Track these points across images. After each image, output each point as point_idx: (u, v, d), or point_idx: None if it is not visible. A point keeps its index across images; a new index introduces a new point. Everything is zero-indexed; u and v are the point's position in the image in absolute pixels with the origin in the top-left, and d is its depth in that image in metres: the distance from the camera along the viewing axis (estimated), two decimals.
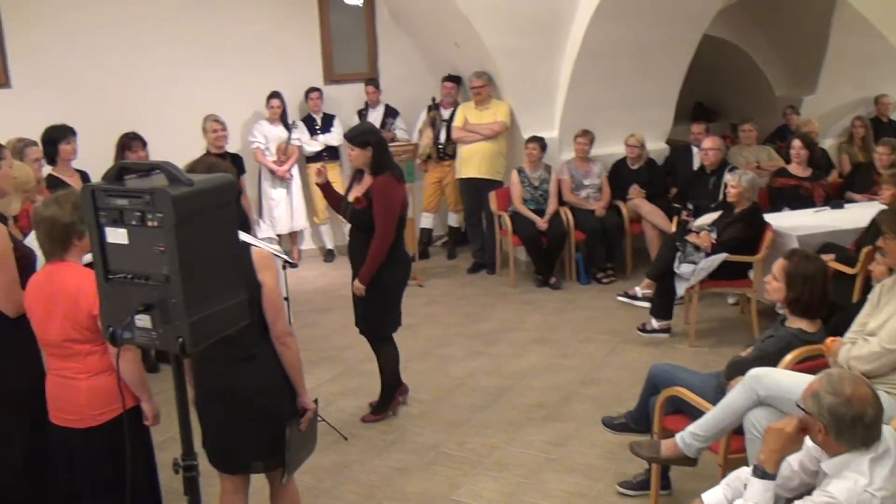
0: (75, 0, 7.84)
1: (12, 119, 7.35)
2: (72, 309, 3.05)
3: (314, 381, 5.76)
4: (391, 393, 5.22)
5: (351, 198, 4.89)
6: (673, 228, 7.19)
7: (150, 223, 2.15)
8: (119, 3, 8.00)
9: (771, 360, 3.66)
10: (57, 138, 5.67)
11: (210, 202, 2.23)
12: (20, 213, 4.46)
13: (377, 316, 4.98)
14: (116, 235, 2.22)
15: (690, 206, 7.29)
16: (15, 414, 3.55)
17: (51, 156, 5.58)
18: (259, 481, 3.46)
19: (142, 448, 3.32)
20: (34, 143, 5.19)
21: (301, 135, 8.62)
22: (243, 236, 3.12)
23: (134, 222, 2.18)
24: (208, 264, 2.24)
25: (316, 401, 3.39)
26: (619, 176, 8.08)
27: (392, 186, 4.78)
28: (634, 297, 7.04)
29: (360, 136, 4.80)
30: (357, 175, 4.97)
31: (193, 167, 3.16)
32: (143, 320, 2.25)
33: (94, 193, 2.22)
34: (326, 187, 5.16)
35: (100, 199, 2.21)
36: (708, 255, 6.08)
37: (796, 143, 7.43)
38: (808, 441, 2.80)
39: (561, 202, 7.92)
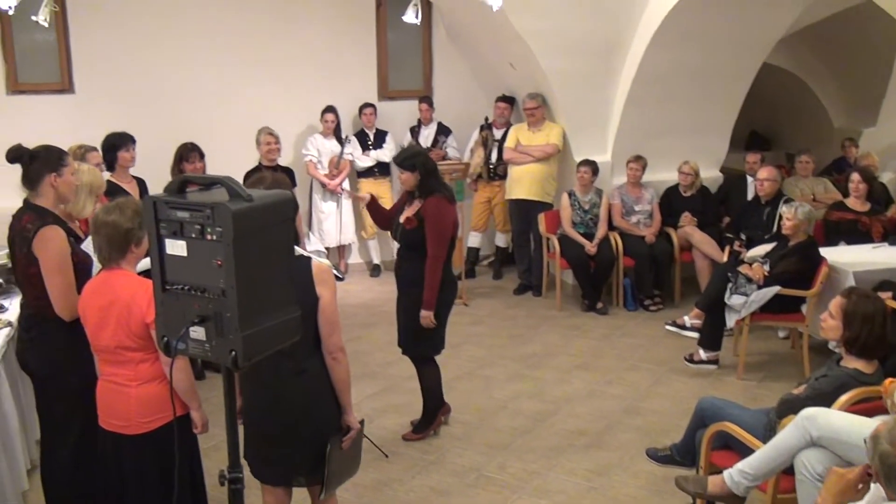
0: (140, 11, 8.02)
1: (74, 124, 7.54)
2: (125, 317, 3.09)
3: (357, 396, 5.73)
4: (433, 412, 5.20)
5: (402, 218, 4.91)
6: (724, 258, 7.08)
7: (209, 237, 2.17)
8: (182, 16, 8.16)
9: (825, 399, 3.58)
10: (117, 145, 5.77)
11: (269, 218, 2.24)
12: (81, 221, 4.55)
13: (422, 337, 4.97)
14: (176, 247, 2.24)
15: (743, 237, 7.20)
16: (67, 414, 3.61)
17: (110, 162, 5.68)
18: (301, 493, 3.46)
19: (189, 456, 3.34)
20: (94, 150, 5.29)
21: (353, 149, 8.69)
22: (299, 249, 3.14)
23: (193, 235, 2.19)
24: (264, 280, 2.25)
25: (362, 422, 3.38)
26: (671, 203, 8.00)
27: (444, 208, 4.80)
28: (683, 327, 6.95)
29: (408, 159, 4.85)
30: (408, 196, 4.99)
31: (254, 182, 3.19)
32: (197, 332, 2.26)
33: (155, 205, 2.24)
34: (372, 205, 5.21)
35: (161, 210, 2.24)
36: (760, 287, 5.98)
37: (855, 176, 7.29)
38: (874, 489, 2.71)
39: (611, 227, 7.87)
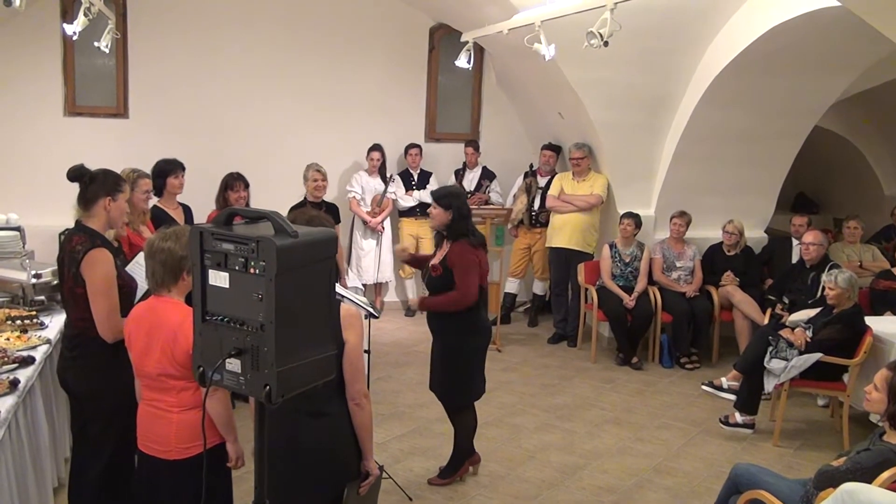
0: (198, 44, 8.22)
1: (126, 148, 7.72)
2: (170, 345, 3.11)
3: (383, 436, 5.74)
4: (461, 459, 5.14)
5: (431, 263, 4.91)
6: (765, 321, 6.99)
7: (252, 270, 2.18)
8: (238, 52, 8.35)
9: (866, 475, 3.47)
10: (167, 171, 5.86)
11: (311, 256, 2.24)
12: (122, 240, 4.62)
13: (456, 385, 4.93)
14: (218, 278, 2.25)
15: (786, 300, 7.09)
16: (101, 435, 3.64)
17: (159, 188, 5.77)
18: None
19: (222, 487, 3.33)
20: (146, 175, 5.38)
21: (397, 189, 8.75)
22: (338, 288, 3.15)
23: (237, 268, 2.20)
24: (303, 316, 2.24)
25: (381, 467, 3.35)
26: (714, 261, 7.93)
27: (467, 252, 4.76)
28: (719, 388, 6.81)
29: (445, 197, 4.83)
30: (438, 238, 4.99)
31: (296, 218, 3.21)
32: (233, 364, 2.26)
33: (202, 235, 2.26)
34: (412, 260, 5.25)
35: (207, 241, 2.26)
36: (801, 352, 5.87)
37: None
38: None
39: (650, 282, 7.81)
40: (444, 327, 4.84)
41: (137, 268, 3.94)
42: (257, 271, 2.17)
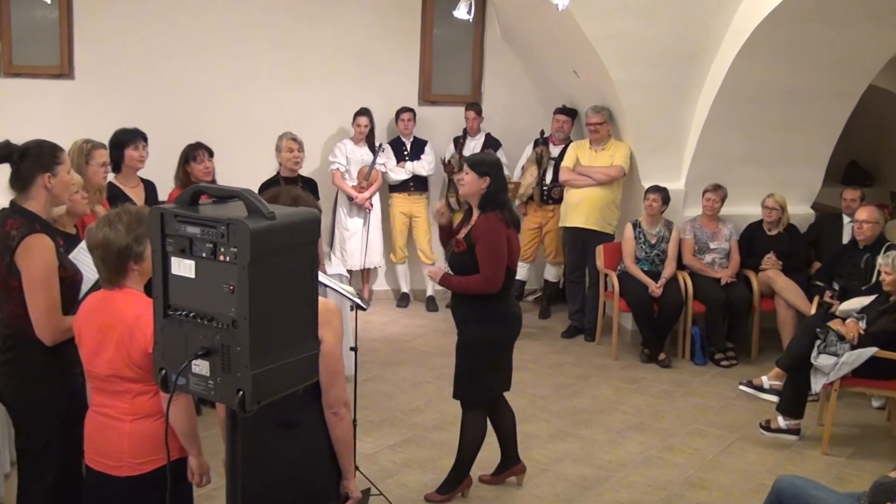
0: None
1: (72, 114, 7.71)
2: (126, 342, 3.11)
3: (373, 446, 5.76)
4: (464, 470, 5.15)
5: (456, 238, 4.94)
6: (812, 310, 7.00)
7: (221, 257, 2.18)
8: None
9: None
10: (125, 141, 5.83)
11: (291, 240, 2.25)
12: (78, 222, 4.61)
13: (472, 377, 4.96)
14: (183, 267, 2.25)
15: (836, 286, 7.09)
16: (45, 449, 3.63)
17: (116, 161, 5.72)
18: None
19: None
20: (102, 146, 5.34)
21: (387, 160, 8.74)
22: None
23: (204, 254, 2.20)
24: (281, 310, 2.25)
25: (367, 490, 3.34)
26: (753, 242, 7.94)
27: (496, 226, 4.78)
28: (759, 388, 6.83)
29: (482, 164, 4.86)
30: (466, 214, 5.02)
31: (274, 196, 3.20)
32: (200, 366, 2.27)
33: (163, 217, 2.25)
34: (447, 228, 5.20)
35: (169, 223, 2.25)
36: (854, 347, 5.89)
37: None
38: None
39: (680, 266, 7.82)
40: (470, 315, 4.89)
41: (83, 255, 3.86)
42: (228, 258, 2.17)
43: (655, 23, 7.36)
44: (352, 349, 5.13)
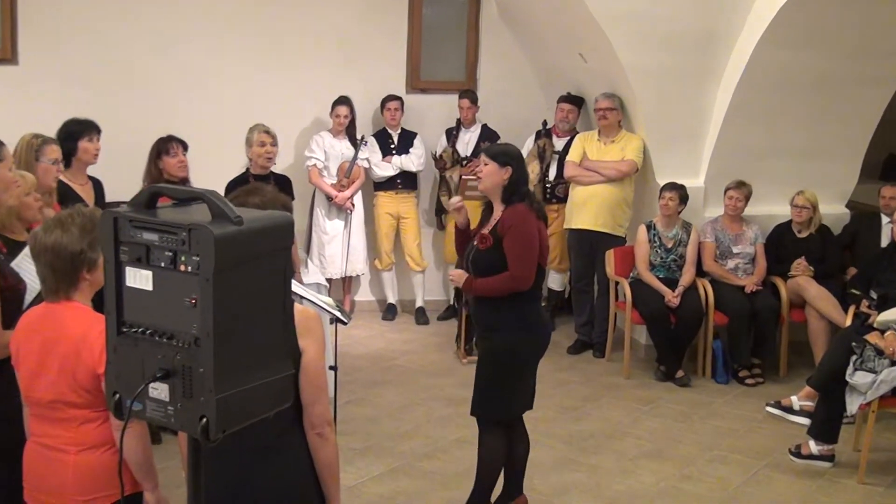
0: None
1: (16, 103, 7.68)
2: (71, 362, 3.08)
3: (355, 477, 5.75)
4: (484, 498, 5.13)
5: (476, 238, 4.95)
6: (847, 322, 7.00)
7: (183, 267, 2.16)
8: None
9: None
10: (76, 133, 5.82)
11: (262, 247, 2.24)
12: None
13: (493, 391, 4.96)
14: (139, 278, 2.24)
15: (874, 295, 7.10)
16: None
17: (66, 156, 5.70)
18: None
19: None
20: (54, 142, 5.33)
21: (371, 154, 8.74)
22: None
23: (163, 264, 2.19)
24: (250, 326, 2.24)
25: None
26: (781, 245, 7.96)
27: (528, 217, 4.83)
28: (789, 410, 6.85)
29: (503, 154, 4.92)
30: (485, 213, 5.06)
31: (243, 196, 3.17)
32: (159, 390, 2.25)
33: (116, 222, 2.24)
34: (466, 230, 5.18)
35: (123, 229, 2.24)
36: (894, 363, 5.89)
37: None
38: None
39: (699, 272, 7.82)
40: (496, 321, 4.90)
41: (26, 262, 3.85)
42: (190, 268, 2.16)
43: (671, 2, 7.36)
44: (331, 368, 5.12)
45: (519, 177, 4.89)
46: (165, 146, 6.26)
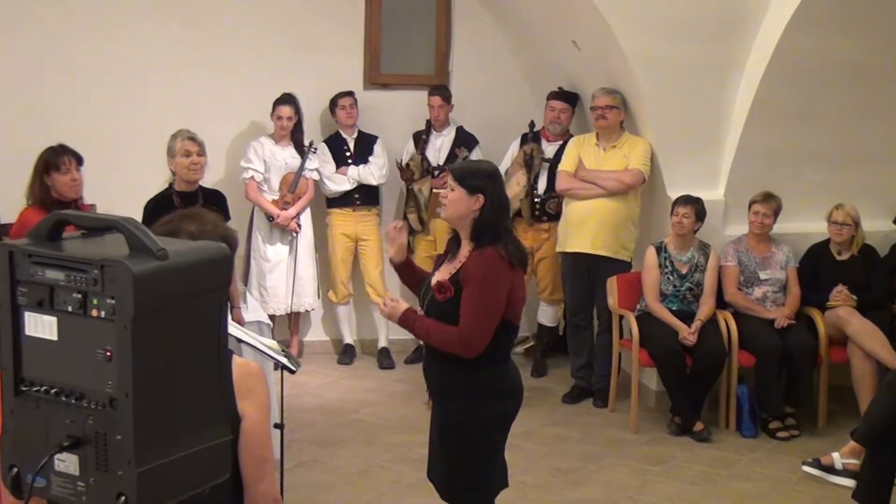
0: None
1: None
2: None
3: None
4: None
5: (434, 280, 4.81)
6: None
7: (94, 312, 2.13)
8: None
9: None
10: None
11: (191, 286, 2.21)
12: None
13: (466, 474, 4.84)
14: (41, 326, 2.20)
15: None
16: None
17: None
18: None
19: None
20: None
21: (322, 164, 8.76)
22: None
23: (70, 308, 2.16)
24: (178, 383, 2.21)
25: None
26: (817, 269, 8.01)
27: (497, 269, 4.61)
28: (829, 469, 6.86)
29: (474, 175, 4.69)
30: (451, 244, 4.88)
31: (179, 223, 3.13)
32: (66, 462, 2.22)
33: (12, 257, 2.21)
34: (405, 267, 5.06)
35: (21, 266, 2.20)
36: None
37: None
38: None
39: (721, 303, 7.85)
40: (450, 382, 4.78)
41: None
42: (103, 313, 2.13)
43: None
44: (276, 426, 5.09)
45: (494, 208, 4.64)
46: (56, 160, 6.18)
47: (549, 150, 8.61)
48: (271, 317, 8.16)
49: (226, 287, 2.35)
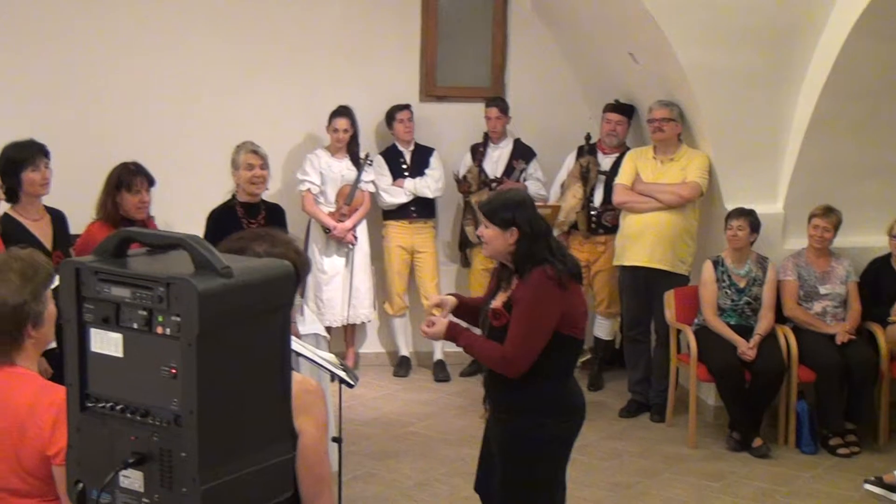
0: None
1: None
2: (14, 441, 3.07)
3: None
4: None
5: (490, 308, 4.80)
6: None
7: (160, 329, 2.15)
8: None
9: None
10: (19, 161, 5.84)
11: (255, 304, 2.22)
12: None
13: (525, 495, 4.84)
14: (107, 343, 2.22)
15: None
16: None
17: (10, 188, 5.74)
18: None
19: None
20: None
21: (378, 177, 8.78)
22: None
23: (136, 325, 2.17)
24: (242, 400, 2.23)
25: None
26: (878, 284, 7.93)
27: (546, 290, 4.62)
28: (892, 488, 6.79)
29: (502, 208, 4.71)
30: (501, 270, 4.90)
31: (249, 243, 3.12)
32: (131, 478, 2.24)
33: (79, 274, 2.23)
34: (461, 310, 5.04)
35: (88, 283, 2.22)
36: None
37: None
38: None
39: (780, 318, 7.79)
40: (512, 397, 4.76)
41: None
42: (168, 331, 2.14)
43: None
44: (334, 440, 5.09)
45: (531, 236, 4.66)
46: (128, 179, 6.22)
47: (606, 162, 8.59)
48: (327, 328, 8.19)
49: (290, 305, 2.35)
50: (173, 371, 2.15)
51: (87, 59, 8.32)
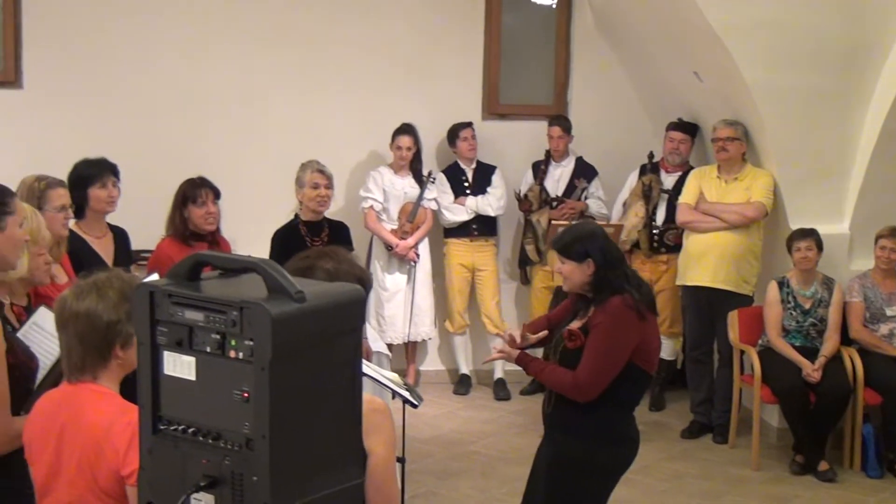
0: None
1: (19, 133, 7.87)
2: (91, 460, 3.08)
3: None
4: None
5: (565, 330, 4.81)
6: None
7: (233, 353, 2.17)
8: None
9: None
10: (89, 179, 5.90)
11: (328, 328, 2.24)
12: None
13: None
14: (180, 365, 2.24)
15: None
16: None
17: (78, 203, 5.80)
18: None
19: None
20: (61, 184, 5.41)
21: (440, 194, 8.79)
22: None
23: (209, 349, 2.20)
24: (314, 424, 2.24)
25: None
26: None
27: (624, 318, 4.65)
28: None
29: (576, 241, 4.75)
30: (578, 300, 4.92)
31: (315, 261, 3.13)
32: (202, 502, 2.25)
33: (153, 297, 2.25)
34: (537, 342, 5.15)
35: (161, 306, 2.24)
36: None
37: None
38: None
39: (846, 339, 7.72)
40: (571, 419, 4.78)
41: (35, 332, 3.88)
42: (241, 355, 2.16)
43: (805, 8, 7.34)
44: (399, 460, 5.08)
45: (606, 266, 4.70)
46: (193, 192, 6.30)
47: (668, 181, 8.56)
48: (389, 345, 8.21)
49: (360, 329, 2.36)
50: (245, 395, 2.17)
51: (152, 74, 8.40)
